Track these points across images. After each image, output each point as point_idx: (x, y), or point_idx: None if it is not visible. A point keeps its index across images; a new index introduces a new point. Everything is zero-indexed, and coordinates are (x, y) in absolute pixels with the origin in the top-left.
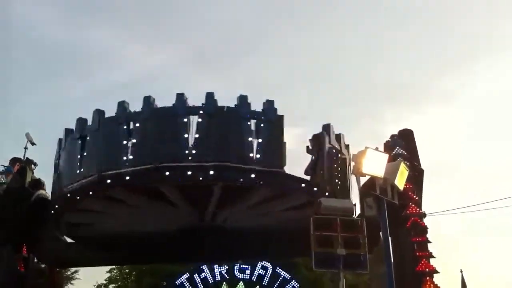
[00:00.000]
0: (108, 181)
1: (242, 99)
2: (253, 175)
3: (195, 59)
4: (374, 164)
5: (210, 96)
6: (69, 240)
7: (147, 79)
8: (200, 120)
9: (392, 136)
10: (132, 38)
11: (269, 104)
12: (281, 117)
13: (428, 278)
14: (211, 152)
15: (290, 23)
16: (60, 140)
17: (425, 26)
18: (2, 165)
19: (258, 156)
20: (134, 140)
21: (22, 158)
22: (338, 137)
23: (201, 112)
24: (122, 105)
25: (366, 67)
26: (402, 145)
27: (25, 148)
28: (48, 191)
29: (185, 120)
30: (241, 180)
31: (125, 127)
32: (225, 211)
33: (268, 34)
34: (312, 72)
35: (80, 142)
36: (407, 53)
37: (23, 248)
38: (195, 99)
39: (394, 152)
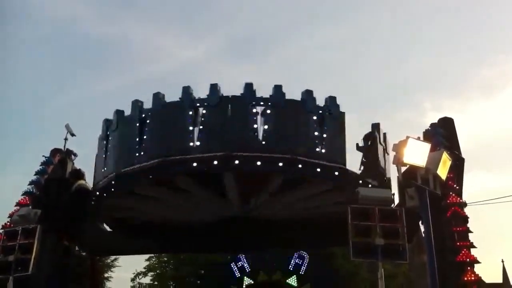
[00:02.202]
0: (176, 167)
1: (308, 93)
2: (318, 169)
3: (230, 52)
4: (416, 154)
5: (278, 88)
6: (109, 229)
7: (180, 72)
8: (268, 111)
9: (432, 125)
10: (168, 31)
11: (331, 100)
12: (343, 114)
13: (469, 268)
14: (279, 144)
15: (322, 15)
16: (107, 121)
17: (465, 14)
18: (43, 155)
19: (323, 151)
20: (201, 127)
21: (63, 149)
22: (384, 136)
23: (269, 103)
24: (187, 91)
25: (404, 56)
26: (442, 134)
27: (65, 139)
28: (89, 180)
29: (254, 110)
30: (307, 174)
31: (190, 112)
32: (270, 202)
33: (302, 25)
34: (347, 62)
35: (138, 125)
36: (445, 41)
37: (65, 237)
38: (231, 91)
39: (433, 141)
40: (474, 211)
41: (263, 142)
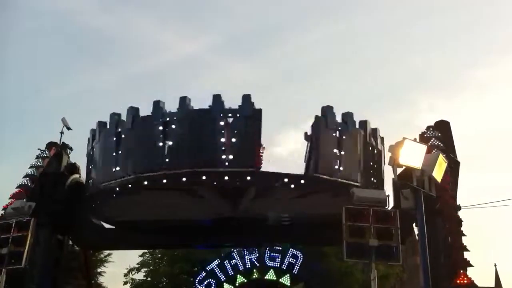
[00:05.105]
0: (145, 182)
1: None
2: (286, 180)
3: (227, 48)
4: (412, 155)
5: (246, 98)
6: (103, 223)
7: (179, 67)
8: (236, 123)
9: (428, 128)
10: (165, 26)
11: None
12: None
13: (461, 271)
14: (246, 158)
15: (319, 12)
16: (93, 131)
17: (461, 15)
18: (38, 149)
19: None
20: (170, 143)
21: (58, 142)
22: (374, 131)
23: (237, 115)
24: (157, 105)
25: (401, 57)
26: (439, 137)
27: (61, 133)
28: (83, 174)
29: (222, 123)
30: (277, 184)
31: (160, 128)
32: (258, 203)
33: (298, 23)
34: (344, 61)
35: (115, 138)
36: (442, 42)
37: (59, 230)
38: (225, 89)
39: (430, 143)
40: (468, 214)
41: (231, 157)
